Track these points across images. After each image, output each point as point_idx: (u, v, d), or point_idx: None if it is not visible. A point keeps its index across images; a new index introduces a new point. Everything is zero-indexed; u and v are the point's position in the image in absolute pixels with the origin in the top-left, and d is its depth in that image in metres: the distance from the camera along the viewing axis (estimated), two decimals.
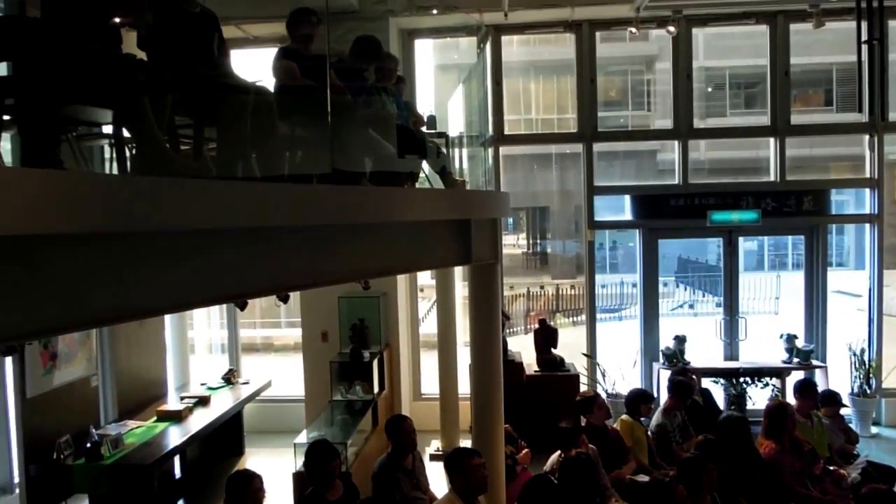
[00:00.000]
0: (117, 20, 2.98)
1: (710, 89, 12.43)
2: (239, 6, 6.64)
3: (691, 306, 16.52)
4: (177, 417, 6.33)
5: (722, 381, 8.16)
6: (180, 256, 2.53)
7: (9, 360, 5.26)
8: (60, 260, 2.09)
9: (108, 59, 2.77)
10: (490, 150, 8.16)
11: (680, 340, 8.24)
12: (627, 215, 8.60)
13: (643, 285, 8.71)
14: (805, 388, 6.29)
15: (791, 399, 6.51)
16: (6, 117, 2.79)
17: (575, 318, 14.49)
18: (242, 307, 5.55)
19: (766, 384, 8.03)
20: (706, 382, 7.94)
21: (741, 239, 8.82)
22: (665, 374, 7.55)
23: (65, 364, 5.78)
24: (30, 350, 5.30)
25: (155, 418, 6.36)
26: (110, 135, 3.47)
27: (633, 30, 6.94)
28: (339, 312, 7.60)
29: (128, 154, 3.06)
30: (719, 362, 8.45)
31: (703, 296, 16.52)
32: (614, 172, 9.67)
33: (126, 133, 2.97)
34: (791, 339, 8.18)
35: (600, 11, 7.91)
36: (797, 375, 7.66)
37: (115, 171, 3.44)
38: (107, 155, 4.14)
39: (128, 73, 2.72)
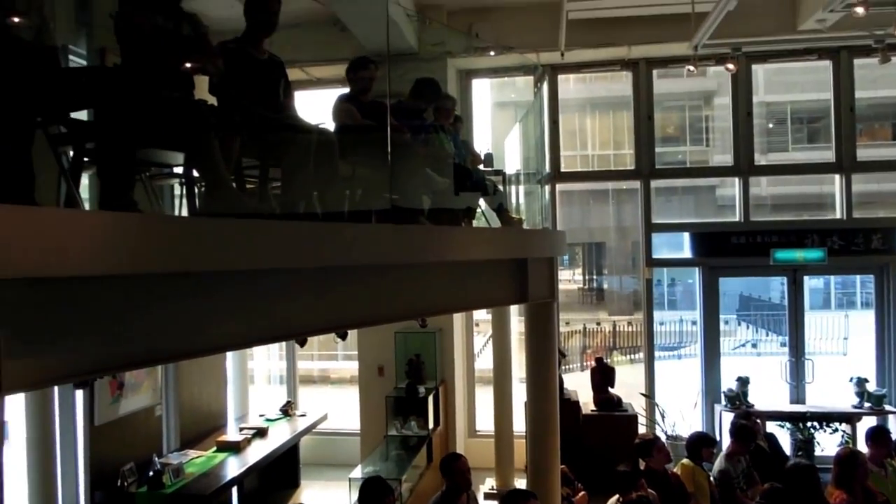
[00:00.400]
0: (190, 67, 3.13)
1: (770, 125, 12.18)
2: (304, 51, 6.88)
3: (754, 346, 16.00)
4: (235, 448, 6.45)
5: (788, 425, 7.86)
6: (245, 295, 2.61)
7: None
8: (130, 299, 2.19)
9: (181, 104, 2.91)
10: (546, 187, 8.17)
11: (743, 382, 7.99)
12: (686, 253, 8.45)
13: (703, 323, 8.51)
14: (878, 434, 6.00)
15: (863, 446, 6.22)
16: (86, 159, 2.97)
17: (632, 356, 14.21)
18: (302, 343, 5.67)
19: (836, 430, 7.70)
20: (771, 426, 7.65)
21: (806, 277, 8.55)
22: (727, 417, 7.32)
23: (131, 393, 5.96)
24: (99, 380, 5.50)
25: (215, 448, 6.49)
26: (181, 174, 3.64)
27: (692, 68, 6.88)
28: (396, 347, 7.66)
29: (196, 192, 3.20)
30: (785, 405, 8.15)
31: (767, 335, 15.98)
32: (672, 208, 9.53)
33: (195, 173, 3.11)
34: (862, 382, 7.84)
35: (657, 50, 7.91)
36: (869, 421, 7.33)
37: (184, 209, 3.61)
38: (176, 192, 4.32)
39: (200, 118, 2.85)
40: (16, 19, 2.65)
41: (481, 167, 6.07)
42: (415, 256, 3.43)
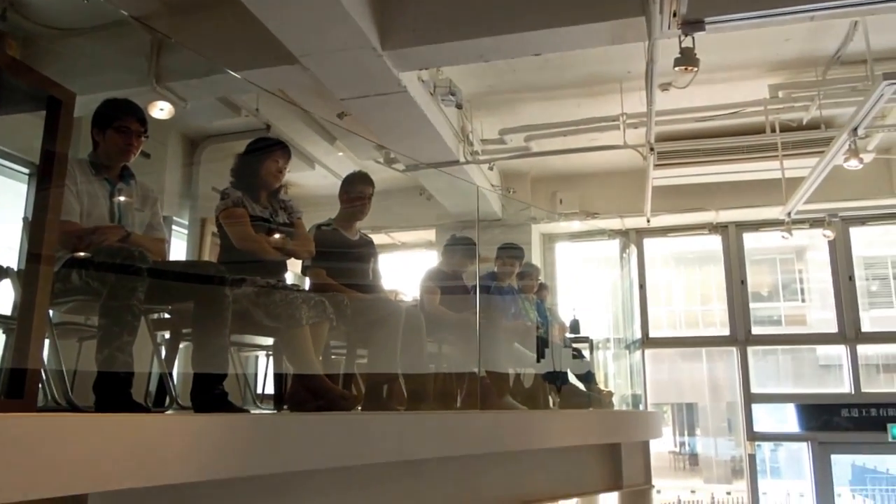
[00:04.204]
0: (284, 253, 3.20)
1: (874, 287, 11.58)
2: (389, 217, 7.10)
3: None
4: None
5: None
6: (327, 492, 2.49)
7: None
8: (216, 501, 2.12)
9: (274, 291, 2.95)
10: (636, 352, 7.88)
11: None
12: (792, 424, 7.83)
13: (816, 500, 7.70)
14: None
15: None
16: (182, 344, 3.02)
17: None
18: None
19: None
20: None
21: None
22: None
23: None
24: None
25: None
26: (268, 347, 3.66)
27: (786, 234, 6.65)
28: None
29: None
30: None
31: None
32: (769, 367, 8.96)
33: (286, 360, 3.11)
34: None
35: (747, 214, 7.77)
36: None
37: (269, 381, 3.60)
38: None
39: (292, 305, 2.87)
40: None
41: (567, 334, 5.94)
42: (502, 444, 3.26)
